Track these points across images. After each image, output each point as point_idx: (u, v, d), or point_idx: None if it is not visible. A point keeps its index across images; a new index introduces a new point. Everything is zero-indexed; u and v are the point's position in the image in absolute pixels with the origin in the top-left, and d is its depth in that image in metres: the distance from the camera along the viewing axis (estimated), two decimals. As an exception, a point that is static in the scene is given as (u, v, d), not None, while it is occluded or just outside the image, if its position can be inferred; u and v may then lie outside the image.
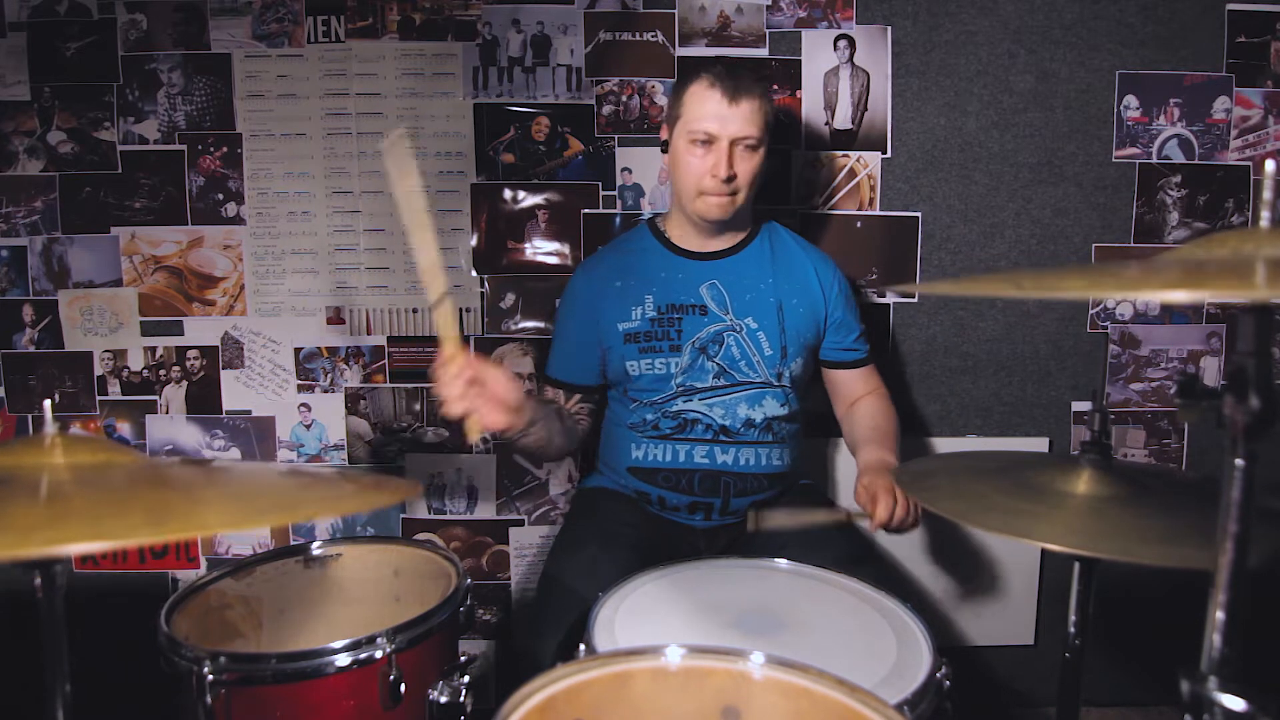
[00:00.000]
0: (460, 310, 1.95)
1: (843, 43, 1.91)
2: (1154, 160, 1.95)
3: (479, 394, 1.19)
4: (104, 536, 0.56)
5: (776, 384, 1.56)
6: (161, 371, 1.95)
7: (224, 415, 1.96)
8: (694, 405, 1.55)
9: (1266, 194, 0.64)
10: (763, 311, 1.56)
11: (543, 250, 1.94)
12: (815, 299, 1.60)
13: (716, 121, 1.45)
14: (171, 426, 1.96)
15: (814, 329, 1.60)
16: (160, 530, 0.59)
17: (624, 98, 1.90)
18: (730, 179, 1.46)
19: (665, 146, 1.57)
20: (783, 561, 1.29)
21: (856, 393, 1.68)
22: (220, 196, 1.91)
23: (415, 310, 1.94)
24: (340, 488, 0.82)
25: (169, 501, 0.68)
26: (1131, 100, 1.93)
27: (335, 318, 1.94)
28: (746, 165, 1.48)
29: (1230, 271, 0.57)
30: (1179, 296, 0.50)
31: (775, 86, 1.91)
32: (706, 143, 1.47)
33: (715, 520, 1.59)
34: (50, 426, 0.76)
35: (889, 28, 1.91)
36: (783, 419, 1.57)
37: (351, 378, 1.96)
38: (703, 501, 1.56)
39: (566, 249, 1.94)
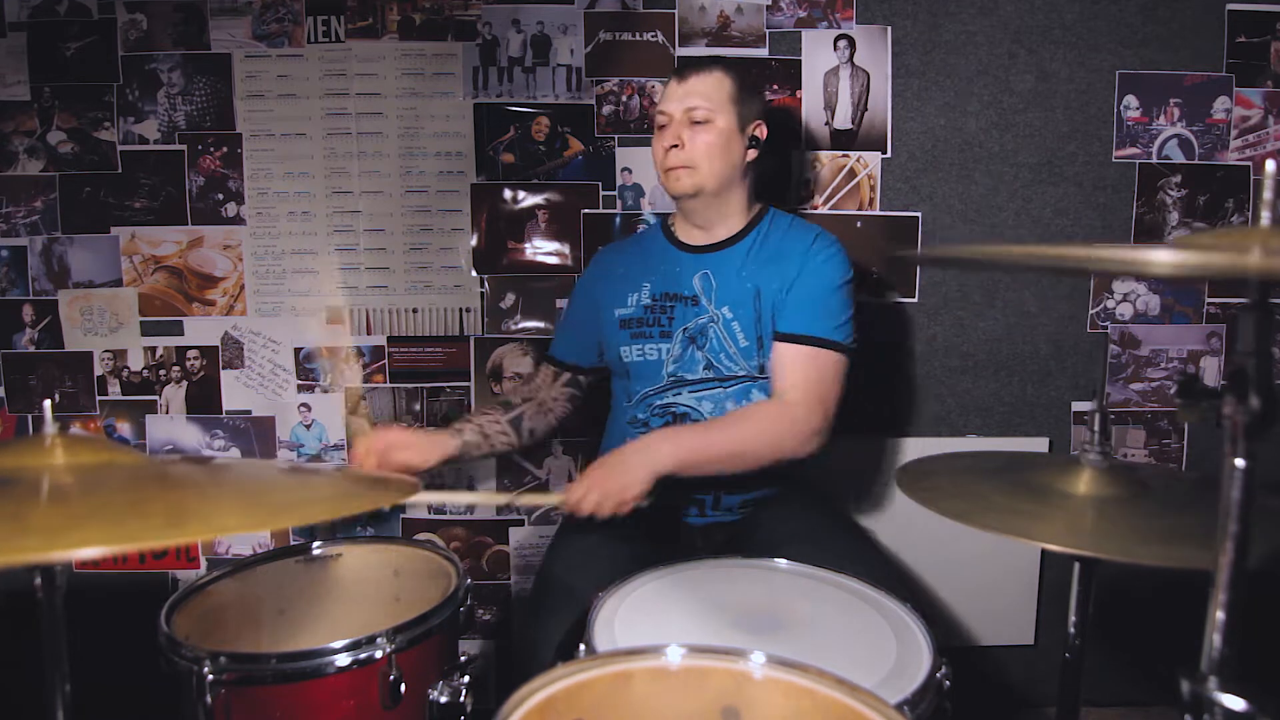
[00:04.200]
0: (460, 310, 1.95)
1: (843, 43, 1.91)
2: (1154, 160, 1.95)
3: (388, 468, 1.42)
4: (127, 539, 0.56)
5: (760, 376, 1.52)
6: (161, 371, 1.95)
7: (224, 415, 1.96)
8: (684, 398, 1.55)
9: (1266, 194, 0.64)
10: (738, 300, 1.51)
11: (543, 250, 1.94)
12: (790, 276, 1.48)
13: (669, 101, 1.50)
14: (171, 426, 1.96)
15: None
16: (181, 531, 0.59)
17: (624, 98, 1.90)
18: (675, 147, 1.48)
19: None
20: (782, 561, 1.29)
21: (778, 379, 1.44)
22: (220, 196, 1.91)
23: (415, 310, 1.94)
24: (342, 486, 0.82)
25: (184, 502, 0.68)
26: (1131, 100, 1.93)
27: (335, 318, 1.94)
28: (696, 138, 1.48)
29: (1228, 250, 0.57)
30: (1167, 257, 0.49)
31: (775, 86, 1.91)
32: (665, 124, 1.51)
33: (710, 516, 1.59)
34: (50, 426, 0.76)
35: (889, 28, 1.91)
36: None
37: (351, 378, 1.96)
38: (696, 497, 1.57)
39: (566, 249, 1.94)
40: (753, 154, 1.54)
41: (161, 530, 0.58)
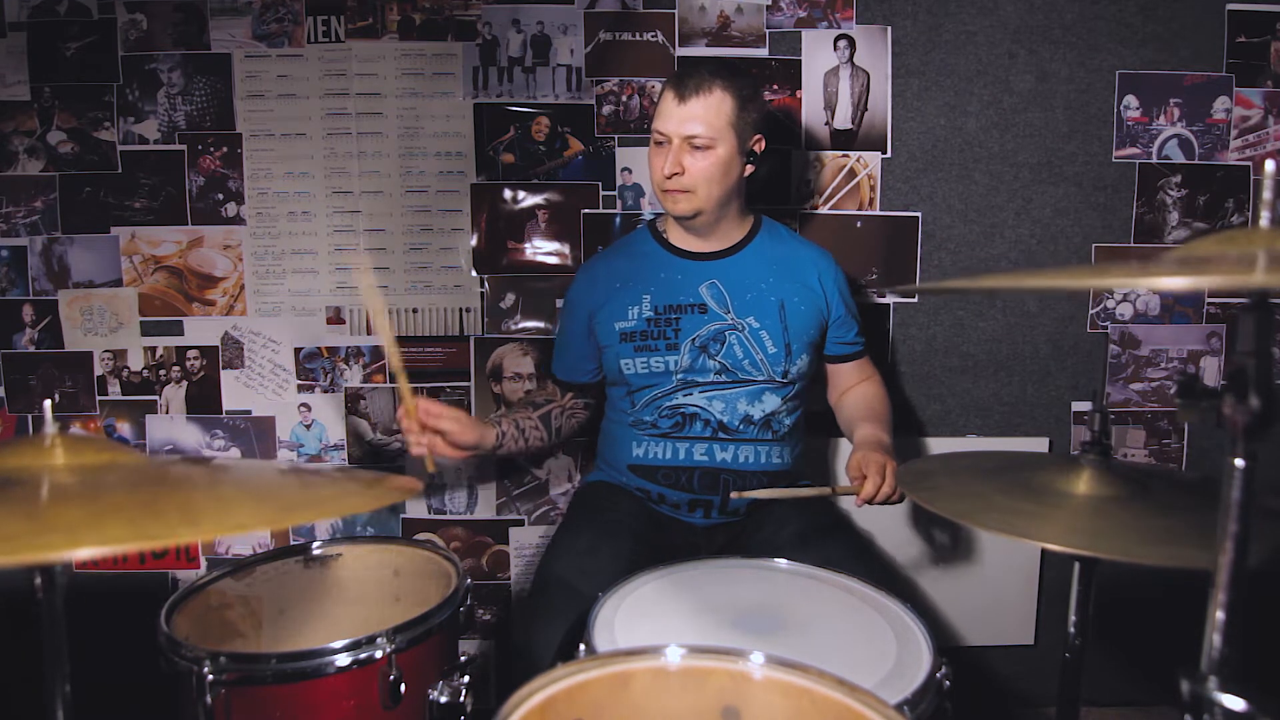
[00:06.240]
0: (460, 310, 1.95)
1: (843, 43, 1.91)
2: (1154, 160, 1.95)
3: (433, 438, 1.41)
4: (143, 536, 0.56)
5: (782, 381, 1.56)
6: (161, 371, 1.95)
7: (224, 415, 1.96)
8: (694, 399, 1.55)
9: (1266, 194, 0.64)
10: (764, 310, 1.56)
11: (543, 250, 1.94)
12: (817, 296, 1.60)
13: (667, 121, 1.47)
14: (171, 426, 1.96)
15: (817, 326, 1.60)
16: (197, 529, 0.60)
17: (624, 98, 1.90)
18: (674, 176, 1.47)
19: None
20: (782, 561, 1.29)
21: (851, 381, 1.71)
22: (220, 196, 1.91)
23: (415, 310, 1.94)
24: (343, 485, 0.82)
25: (195, 501, 0.68)
26: (1131, 100, 1.93)
27: (335, 318, 1.94)
28: (696, 163, 1.47)
29: (1231, 262, 0.57)
30: (1177, 283, 0.49)
31: (775, 86, 1.91)
32: (663, 143, 1.49)
33: (714, 518, 1.59)
34: (50, 426, 0.76)
35: (889, 28, 1.91)
36: (783, 416, 1.58)
37: (351, 378, 1.96)
38: (702, 499, 1.57)
39: (566, 249, 1.94)
40: (750, 169, 1.55)
41: (177, 527, 0.59)
